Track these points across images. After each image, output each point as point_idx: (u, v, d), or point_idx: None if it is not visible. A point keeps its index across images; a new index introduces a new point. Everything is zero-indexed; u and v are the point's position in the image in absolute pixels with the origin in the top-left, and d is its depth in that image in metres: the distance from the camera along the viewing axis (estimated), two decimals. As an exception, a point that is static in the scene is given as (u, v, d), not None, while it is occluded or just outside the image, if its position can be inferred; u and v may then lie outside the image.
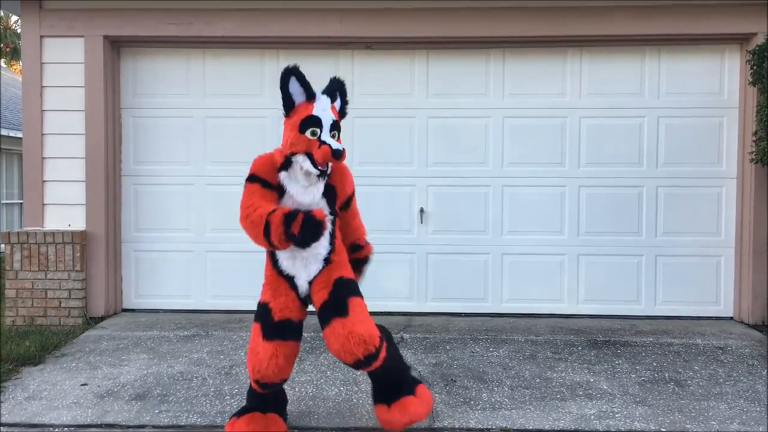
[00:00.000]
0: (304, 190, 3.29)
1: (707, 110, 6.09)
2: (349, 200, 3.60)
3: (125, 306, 6.32)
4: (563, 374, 4.55)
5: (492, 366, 4.72)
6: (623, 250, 6.16)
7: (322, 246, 3.33)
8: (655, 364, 4.78)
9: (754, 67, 5.48)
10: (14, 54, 22.18)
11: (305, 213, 3.08)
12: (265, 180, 3.36)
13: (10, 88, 14.59)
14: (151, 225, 6.31)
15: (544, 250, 6.20)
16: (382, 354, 3.22)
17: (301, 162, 3.25)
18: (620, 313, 6.14)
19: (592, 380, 4.44)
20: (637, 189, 6.15)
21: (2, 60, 21.35)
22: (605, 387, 4.31)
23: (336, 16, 5.93)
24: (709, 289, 6.13)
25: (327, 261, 3.38)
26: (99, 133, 6.00)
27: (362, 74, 6.18)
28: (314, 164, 3.21)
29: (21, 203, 9.78)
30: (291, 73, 3.35)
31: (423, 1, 5.88)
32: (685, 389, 4.28)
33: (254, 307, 6.25)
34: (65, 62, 6.01)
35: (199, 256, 6.31)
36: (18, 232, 5.91)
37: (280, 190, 3.34)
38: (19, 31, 18.20)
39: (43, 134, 6.02)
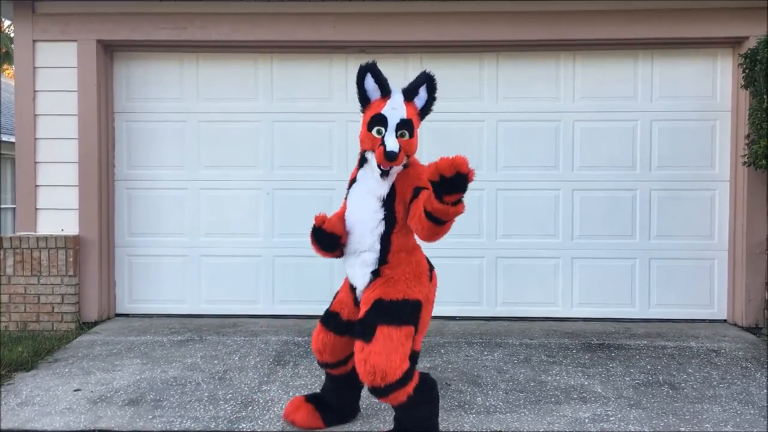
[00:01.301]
0: (371, 178, 3.32)
1: (700, 113, 6.11)
2: (416, 194, 3.21)
3: (118, 311, 6.29)
4: (558, 377, 4.56)
5: (486, 369, 4.72)
6: (617, 253, 6.17)
7: (370, 251, 3.30)
8: (649, 367, 4.79)
9: (747, 71, 5.51)
10: (7, 58, 22.09)
11: (312, 228, 3.37)
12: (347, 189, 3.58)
13: (4, 93, 14.53)
14: (144, 229, 6.29)
15: (539, 253, 6.20)
16: (397, 396, 3.11)
17: (369, 158, 3.29)
18: (614, 316, 6.15)
19: (586, 383, 4.44)
20: (630, 192, 6.16)
21: (-3, 65, 21.25)
22: (599, 390, 4.31)
23: (330, 20, 5.94)
24: (703, 291, 6.14)
25: (376, 273, 3.31)
26: (92, 137, 5.98)
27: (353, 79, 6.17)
28: (378, 164, 3.22)
29: (14, 208, 9.75)
30: (367, 69, 3.36)
31: (417, 4, 5.89)
32: (679, 392, 4.28)
33: (248, 312, 6.32)
34: (58, 66, 5.99)
35: (193, 260, 6.29)
36: (11, 237, 5.89)
37: (352, 182, 3.50)
38: (12, 35, 18.16)
39: (36, 139, 5.99)
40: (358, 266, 3.34)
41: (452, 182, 2.77)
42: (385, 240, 3.31)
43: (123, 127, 6.28)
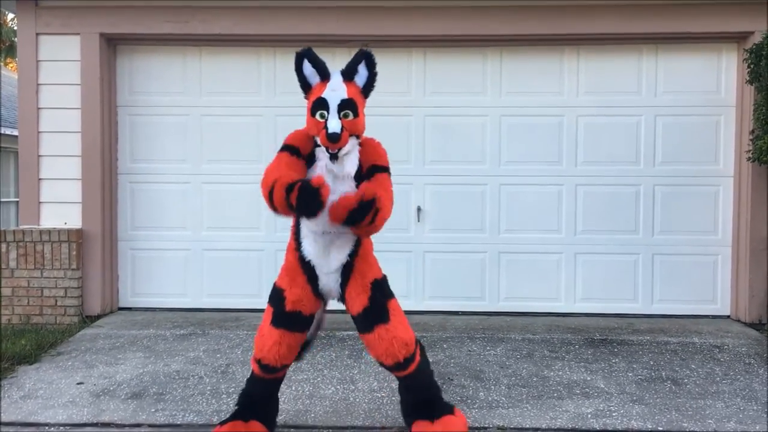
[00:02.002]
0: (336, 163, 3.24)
1: (704, 108, 6.08)
2: (370, 174, 3.28)
3: (121, 304, 6.30)
4: (560, 373, 4.55)
5: (489, 365, 4.71)
6: (620, 248, 6.16)
7: (347, 233, 3.26)
8: (652, 362, 4.78)
9: (751, 66, 5.48)
10: (10, 51, 22.04)
11: (303, 182, 2.97)
12: (293, 147, 3.31)
13: (7, 86, 14.53)
14: (147, 223, 6.29)
15: (542, 248, 6.19)
16: (417, 357, 3.35)
17: (319, 143, 3.23)
18: (617, 312, 6.14)
19: (589, 379, 4.43)
20: (634, 187, 6.14)
21: (-2, 58, 21.24)
22: (602, 385, 4.31)
23: (333, 14, 5.92)
24: (706, 287, 6.13)
25: (353, 254, 3.33)
26: (95, 131, 5.98)
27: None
28: (325, 147, 3.18)
29: (17, 201, 9.78)
30: (303, 56, 3.35)
31: (420, 0, 5.87)
32: (682, 388, 4.28)
33: (250, 306, 6.31)
34: (61, 60, 5.99)
35: (195, 254, 6.29)
36: (14, 230, 5.89)
37: (310, 160, 3.30)
38: (15, 28, 18.12)
39: (39, 132, 5.99)
40: (336, 248, 3.29)
41: (354, 217, 2.98)
42: None
43: (126, 120, 6.27)
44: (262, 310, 6.10)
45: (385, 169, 3.35)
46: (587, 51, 6.13)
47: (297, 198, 2.92)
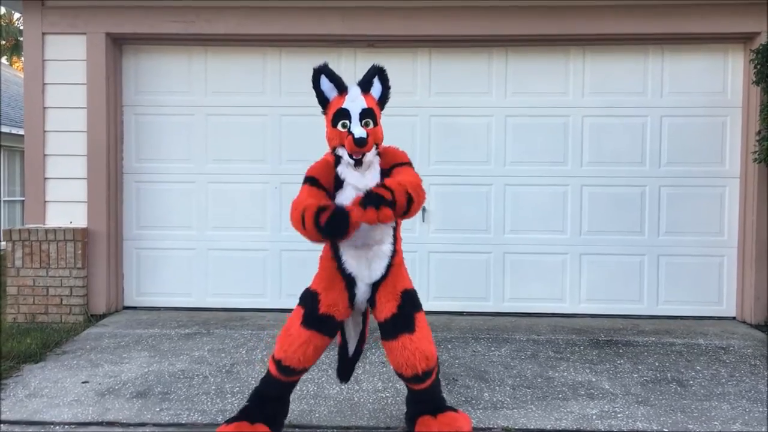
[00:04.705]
0: (360, 177, 3.32)
1: (710, 109, 6.07)
2: (389, 172, 3.36)
3: (126, 304, 6.31)
4: (565, 374, 4.54)
5: (493, 365, 4.71)
6: (625, 249, 6.15)
7: (386, 243, 3.37)
8: (657, 363, 4.77)
9: (758, 67, 5.47)
10: (15, 50, 22.09)
11: (336, 206, 3.11)
12: (314, 179, 3.39)
13: (13, 86, 14.57)
14: (152, 222, 6.31)
15: (546, 249, 6.18)
16: (434, 374, 3.39)
17: (341, 154, 3.33)
18: (622, 313, 6.13)
19: (593, 380, 4.42)
20: (639, 188, 6.13)
21: (3, 57, 21.31)
22: (607, 387, 4.30)
23: (338, 14, 5.92)
24: (712, 289, 6.11)
25: (390, 264, 3.40)
26: (101, 130, 5.99)
27: (364, 73, 6.15)
28: (350, 154, 3.28)
29: (23, 200, 9.81)
30: (320, 72, 3.43)
31: (425, 0, 5.87)
32: (687, 389, 4.27)
33: (255, 306, 6.31)
34: (67, 59, 6.00)
35: (200, 254, 6.30)
36: (19, 230, 5.91)
37: (337, 184, 3.35)
38: (21, 27, 18.17)
39: (44, 131, 6.01)
40: (377, 259, 3.37)
41: (365, 203, 2.98)
42: (394, 231, 3.44)
43: (131, 120, 6.28)
44: (266, 310, 6.17)
45: (406, 164, 3.40)
46: (593, 51, 6.12)
47: (328, 221, 3.04)
